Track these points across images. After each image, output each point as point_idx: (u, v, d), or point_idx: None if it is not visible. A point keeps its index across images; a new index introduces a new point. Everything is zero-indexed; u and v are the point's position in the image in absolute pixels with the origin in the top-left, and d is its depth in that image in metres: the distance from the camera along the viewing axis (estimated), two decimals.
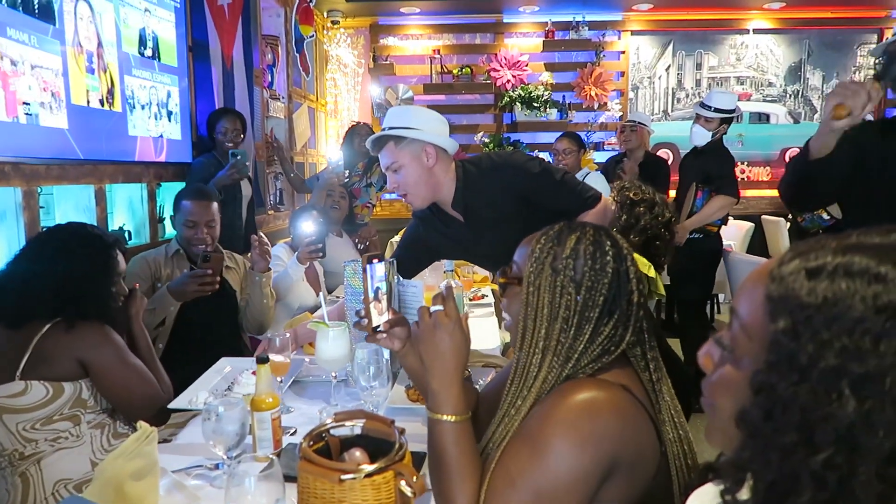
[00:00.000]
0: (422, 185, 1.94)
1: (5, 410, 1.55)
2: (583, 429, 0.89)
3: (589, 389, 0.94)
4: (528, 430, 0.93)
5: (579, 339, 0.98)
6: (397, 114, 1.98)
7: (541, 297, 1.00)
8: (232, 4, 3.80)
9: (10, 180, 2.16)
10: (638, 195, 2.34)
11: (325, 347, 1.70)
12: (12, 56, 2.12)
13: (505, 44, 6.25)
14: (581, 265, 0.99)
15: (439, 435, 0.98)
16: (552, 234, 1.04)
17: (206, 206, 2.43)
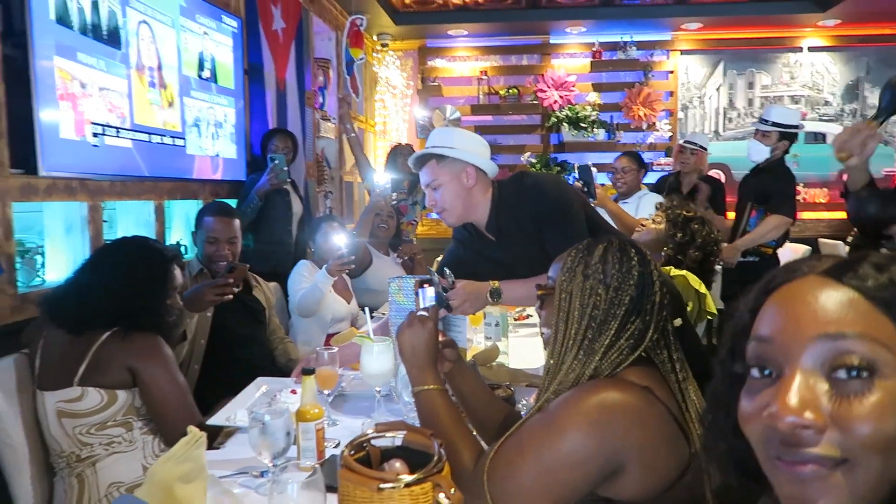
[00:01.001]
0: (459, 203, 1.98)
1: (63, 414, 1.62)
2: (593, 421, 0.97)
3: (608, 389, 1.00)
4: (547, 413, 1.03)
5: (605, 334, 1.06)
6: (441, 134, 2.03)
7: (572, 301, 1.08)
8: (286, 29, 3.94)
9: (77, 195, 2.29)
10: (690, 212, 2.36)
11: (370, 362, 1.72)
12: (82, 79, 2.25)
13: (552, 64, 6.27)
14: (609, 269, 1.08)
15: (428, 401, 1.19)
16: (581, 247, 1.14)
17: (228, 222, 2.49)
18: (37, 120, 2.05)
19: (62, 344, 1.66)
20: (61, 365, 1.64)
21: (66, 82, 2.17)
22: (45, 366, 1.68)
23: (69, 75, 2.19)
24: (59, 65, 2.14)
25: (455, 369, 1.37)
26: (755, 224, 3.55)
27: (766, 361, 0.58)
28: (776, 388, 0.56)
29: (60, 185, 2.19)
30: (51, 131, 2.10)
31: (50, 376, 1.65)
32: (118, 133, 2.44)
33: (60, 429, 1.63)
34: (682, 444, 1.01)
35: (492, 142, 6.30)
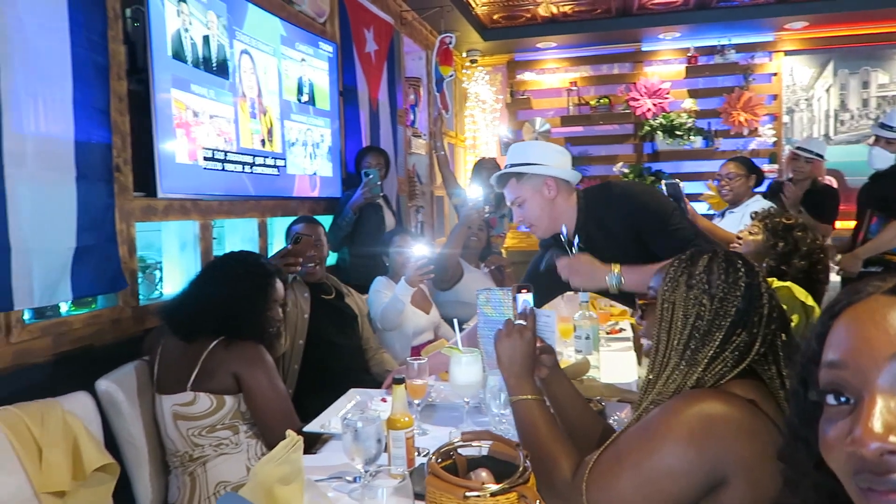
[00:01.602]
0: (544, 216, 2.00)
1: (178, 417, 1.75)
2: (693, 431, 0.94)
3: (710, 399, 0.98)
4: (646, 422, 1.01)
5: (708, 345, 1.03)
6: (518, 150, 2.05)
7: (675, 311, 1.07)
8: (378, 51, 4.09)
9: (190, 215, 2.48)
10: (790, 219, 2.24)
11: (459, 373, 1.74)
12: (195, 108, 2.45)
13: (644, 72, 6.12)
14: (715, 279, 1.06)
15: (526, 411, 1.18)
16: (685, 257, 1.12)
17: (314, 227, 2.66)
18: (157, 147, 2.24)
19: (177, 351, 1.81)
20: (176, 371, 1.79)
21: (181, 112, 2.37)
22: (163, 371, 1.83)
23: (184, 105, 2.39)
24: (175, 96, 2.34)
25: (551, 376, 1.37)
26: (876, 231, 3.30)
27: (842, 387, 0.55)
28: (856, 414, 0.53)
29: (176, 205, 2.39)
30: (168, 157, 2.30)
31: (167, 381, 1.80)
32: (226, 156, 2.63)
33: (176, 430, 1.76)
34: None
35: (582, 153, 6.30)
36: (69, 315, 1.98)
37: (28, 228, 1.72)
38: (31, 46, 1.75)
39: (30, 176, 1.73)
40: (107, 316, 2.08)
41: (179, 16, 2.38)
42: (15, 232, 1.68)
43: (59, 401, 1.54)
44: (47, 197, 1.79)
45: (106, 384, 1.74)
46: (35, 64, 1.76)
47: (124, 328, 2.14)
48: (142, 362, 1.91)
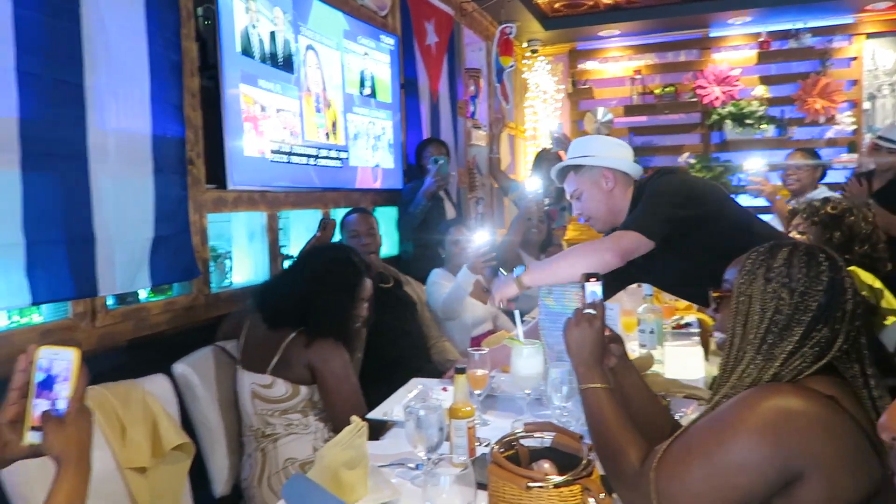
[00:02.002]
0: (602, 208, 1.99)
1: (256, 396, 1.83)
2: (768, 424, 0.92)
3: (787, 394, 0.95)
4: (719, 413, 0.98)
5: (787, 340, 1.00)
6: (577, 144, 2.06)
7: (752, 304, 1.03)
8: (439, 43, 4.10)
9: (258, 206, 2.56)
10: (836, 207, 2.14)
11: (520, 365, 1.74)
12: (262, 102, 2.52)
13: (712, 59, 5.89)
14: (795, 272, 1.02)
15: (595, 399, 1.16)
16: (763, 250, 1.08)
17: (366, 217, 2.75)
18: (226, 141, 2.33)
19: (262, 333, 1.88)
20: (259, 352, 1.86)
21: (249, 106, 2.45)
22: (247, 348, 1.91)
23: (252, 100, 2.46)
24: (243, 91, 2.42)
25: (619, 366, 1.35)
26: None
27: None
28: None
29: (245, 197, 2.47)
30: (237, 150, 2.38)
31: (249, 359, 1.88)
32: (291, 149, 2.70)
33: (251, 406, 1.84)
34: (874, 464, 0.93)
35: (647, 143, 6.13)
36: (147, 301, 2.09)
37: (110, 219, 1.82)
38: (113, 47, 1.84)
39: (112, 170, 1.83)
40: (181, 303, 2.18)
41: (248, 13, 2.46)
42: (99, 223, 1.78)
43: (140, 382, 1.63)
44: (127, 189, 1.88)
45: (182, 367, 1.83)
46: (116, 63, 1.85)
47: (197, 315, 2.23)
48: (216, 347, 2.00)
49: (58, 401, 0.91)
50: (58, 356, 0.92)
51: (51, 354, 0.92)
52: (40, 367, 0.92)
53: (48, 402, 0.91)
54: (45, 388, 0.91)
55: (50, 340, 1.72)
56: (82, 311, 1.82)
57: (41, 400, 0.91)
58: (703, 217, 1.85)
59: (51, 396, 0.91)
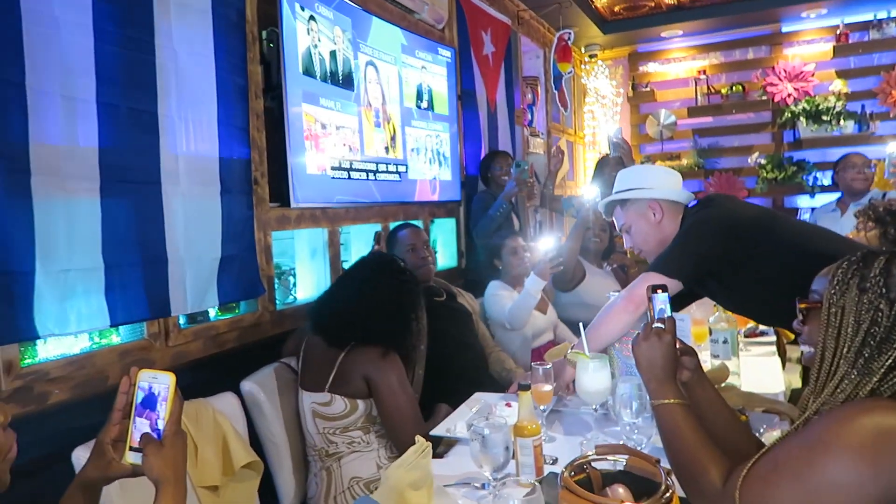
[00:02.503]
0: (651, 240, 1.94)
1: (316, 415, 1.84)
2: (868, 444, 0.84)
3: (889, 412, 0.87)
4: (809, 430, 0.92)
5: (886, 353, 0.93)
6: (623, 177, 2.03)
7: (845, 316, 0.97)
8: (496, 52, 4.08)
9: (320, 223, 2.60)
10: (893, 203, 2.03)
11: (586, 379, 1.68)
12: (323, 121, 2.56)
13: (784, 55, 5.64)
14: (894, 282, 0.95)
15: (670, 417, 1.10)
16: (854, 259, 1.02)
17: (418, 230, 2.71)
18: (289, 160, 2.38)
19: (319, 351, 1.89)
20: (317, 370, 1.87)
21: (310, 125, 2.49)
22: (306, 369, 1.93)
23: (313, 118, 2.51)
24: (305, 110, 2.47)
25: (694, 379, 1.28)
26: None
27: None
28: None
29: (307, 214, 2.51)
30: (299, 168, 2.43)
31: (308, 378, 1.90)
32: (351, 165, 2.73)
33: (314, 426, 1.85)
34: None
35: (713, 144, 5.92)
36: (216, 320, 2.14)
37: (181, 241, 1.88)
38: (183, 75, 1.91)
39: (182, 192, 1.90)
40: (248, 320, 2.23)
41: (309, 34, 2.51)
42: (171, 244, 1.85)
43: (210, 401, 1.67)
44: (197, 211, 1.94)
45: (249, 385, 1.86)
46: (186, 90, 1.92)
47: (263, 331, 2.28)
48: (281, 364, 2.03)
49: (156, 423, 0.96)
50: (156, 380, 0.97)
51: (150, 378, 0.98)
52: (141, 389, 0.97)
53: (147, 423, 0.96)
54: (144, 409, 0.97)
55: (128, 361, 1.79)
56: (156, 331, 1.89)
57: (141, 421, 0.96)
58: (750, 247, 1.76)
59: (150, 418, 0.96)
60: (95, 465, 0.98)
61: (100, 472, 0.98)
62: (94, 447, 0.99)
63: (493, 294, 2.93)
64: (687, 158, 5.94)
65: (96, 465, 0.98)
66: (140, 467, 0.95)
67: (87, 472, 0.99)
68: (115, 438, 0.97)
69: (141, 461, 0.94)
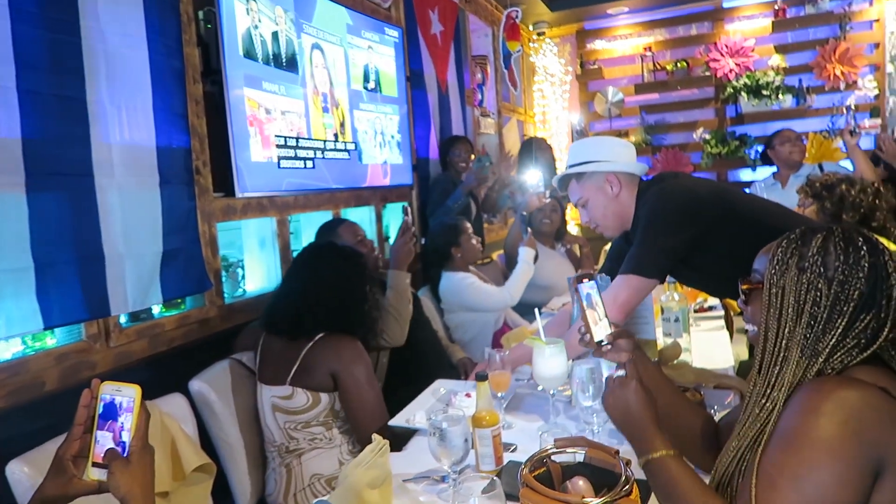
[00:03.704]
0: (609, 214, 1.90)
1: (277, 409, 1.80)
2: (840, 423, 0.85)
3: (842, 387, 0.88)
4: (784, 432, 0.91)
5: (830, 333, 0.94)
6: (576, 150, 1.97)
7: (785, 297, 0.97)
8: (444, 31, 4.01)
9: (268, 212, 2.52)
10: (829, 179, 2.22)
11: (543, 365, 1.68)
12: (267, 105, 2.47)
13: (725, 30, 5.74)
14: (832, 260, 0.95)
15: (663, 471, 1.01)
16: (793, 237, 1.00)
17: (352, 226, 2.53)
18: (232, 147, 2.28)
19: (279, 344, 1.84)
20: (278, 364, 1.82)
21: (254, 110, 2.40)
22: (265, 362, 1.87)
23: (256, 103, 2.41)
24: (247, 95, 2.37)
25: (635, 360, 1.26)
26: None
27: None
28: None
29: (254, 203, 2.43)
30: (244, 156, 2.33)
31: (268, 372, 1.84)
32: (299, 151, 2.65)
33: (274, 421, 1.81)
34: None
35: (659, 121, 6.01)
36: (161, 317, 2.06)
37: (119, 236, 1.78)
38: (113, 57, 1.80)
39: (118, 184, 1.80)
40: (195, 316, 2.15)
41: (249, 14, 2.40)
42: (108, 240, 1.75)
43: (156, 403, 1.60)
44: (134, 203, 1.84)
45: (198, 384, 1.80)
46: (117, 74, 1.81)
47: (212, 327, 2.20)
48: (232, 360, 1.97)
49: (121, 437, 0.91)
50: (120, 392, 0.92)
51: (113, 390, 0.93)
52: (103, 401, 0.92)
53: (111, 437, 0.92)
54: (107, 423, 0.92)
55: (66, 364, 1.70)
56: (96, 331, 1.80)
57: (104, 434, 0.92)
58: (712, 227, 1.76)
59: (113, 431, 0.92)
60: (55, 483, 0.92)
61: (60, 490, 0.92)
62: (52, 463, 0.93)
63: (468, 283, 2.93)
64: (635, 135, 6.01)
65: (56, 483, 0.92)
66: (105, 484, 0.90)
67: (45, 490, 0.93)
68: (75, 454, 0.92)
69: (106, 477, 0.90)
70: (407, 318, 2.37)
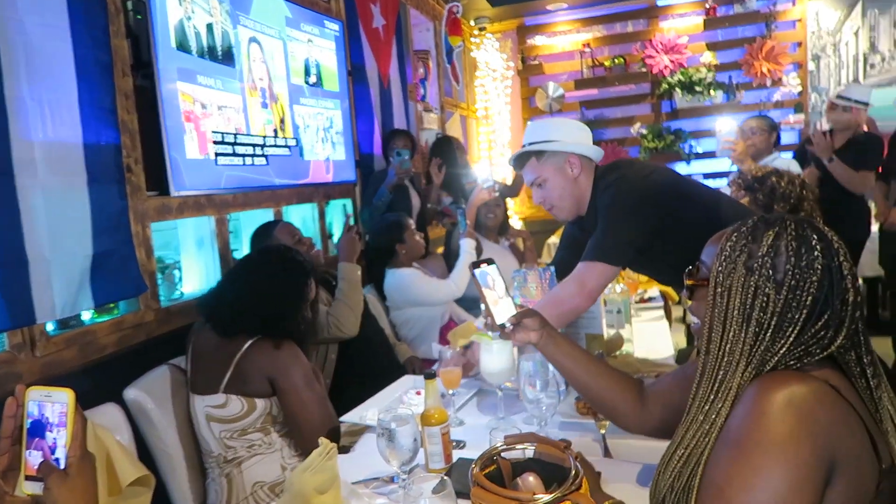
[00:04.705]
0: (567, 196, 1.89)
1: (211, 418, 1.73)
2: (793, 422, 0.80)
3: (790, 382, 0.83)
4: (730, 436, 0.85)
5: (779, 342, 0.87)
6: (537, 128, 1.94)
7: (731, 298, 0.90)
8: (386, 25, 3.97)
9: (205, 210, 2.43)
10: (759, 171, 2.27)
11: (489, 361, 1.69)
12: (202, 100, 2.38)
13: (660, 28, 5.91)
14: (782, 263, 0.88)
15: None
16: (745, 230, 0.93)
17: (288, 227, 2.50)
18: (166, 143, 2.19)
19: (211, 351, 1.77)
20: (210, 371, 1.75)
21: (189, 105, 2.31)
22: (196, 371, 1.80)
23: (191, 98, 2.32)
24: (181, 89, 2.27)
25: (545, 338, 1.28)
26: None
27: None
28: None
29: (190, 202, 2.34)
30: (178, 153, 2.24)
31: (200, 381, 1.77)
32: (237, 148, 2.57)
33: (209, 431, 1.74)
34: (874, 459, 0.85)
35: (598, 115, 6.13)
36: (92, 323, 1.96)
37: (44, 239, 1.68)
38: (34, 49, 1.69)
39: (41, 184, 1.69)
40: (130, 321, 2.05)
41: (182, 5, 2.30)
42: (31, 244, 1.65)
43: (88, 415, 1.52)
44: (60, 204, 1.74)
45: (134, 392, 1.72)
46: (39, 66, 1.70)
47: (149, 331, 2.11)
48: (170, 366, 1.89)
49: (55, 448, 0.84)
50: (50, 398, 0.85)
51: (41, 396, 0.85)
52: (31, 410, 0.85)
53: (43, 448, 0.85)
54: (38, 433, 0.85)
55: None
56: (20, 341, 1.69)
57: (38, 444, 0.85)
58: (668, 215, 1.77)
59: (46, 442, 0.85)
60: None
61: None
62: None
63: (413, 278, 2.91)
64: None
65: None
66: (42, 498, 0.83)
67: None
68: (4, 468, 0.85)
69: (42, 491, 0.83)
70: (360, 308, 2.39)
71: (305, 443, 1.72)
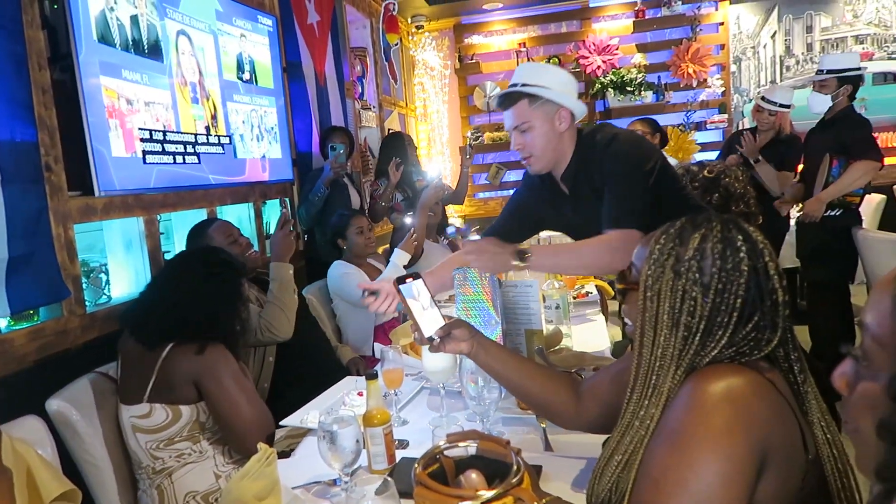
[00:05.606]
0: (549, 149, 1.80)
1: (137, 429, 1.66)
2: (735, 419, 0.80)
3: (727, 374, 0.84)
4: (669, 432, 0.85)
5: (709, 345, 0.88)
6: (531, 71, 1.82)
7: (660, 303, 0.90)
8: (321, 22, 3.91)
9: (133, 211, 2.32)
10: (712, 170, 2.21)
11: (431, 359, 1.68)
12: (128, 96, 2.28)
13: (593, 29, 6.06)
14: (708, 266, 0.88)
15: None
16: (673, 232, 0.93)
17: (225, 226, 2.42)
18: (89, 141, 2.08)
19: (135, 359, 1.69)
20: (134, 380, 1.68)
21: (113, 100, 2.20)
22: (123, 380, 1.72)
23: (115, 93, 2.22)
24: (104, 83, 2.17)
25: (476, 347, 1.28)
26: (839, 174, 3.33)
27: None
28: None
29: (117, 202, 2.23)
30: (103, 151, 2.14)
31: (126, 391, 1.70)
32: (167, 145, 2.47)
33: (136, 442, 1.67)
34: (803, 449, 0.86)
35: None
36: (9, 331, 1.84)
37: None
38: None
39: None
40: (51, 328, 1.94)
41: None
42: None
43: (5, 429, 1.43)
44: None
45: (57, 403, 1.62)
46: None
47: (72, 339, 2.00)
48: (97, 374, 1.79)
49: None
50: None
51: None
52: None
53: None
54: None
55: None
56: None
57: None
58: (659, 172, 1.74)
59: None
60: None
61: None
62: None
63: (342, 273, 2.87)
64: None
65: None
66: None
67: None
68: None
69: None
70: (293, 309, 2.30)
71: (240, 443, 1.66)
